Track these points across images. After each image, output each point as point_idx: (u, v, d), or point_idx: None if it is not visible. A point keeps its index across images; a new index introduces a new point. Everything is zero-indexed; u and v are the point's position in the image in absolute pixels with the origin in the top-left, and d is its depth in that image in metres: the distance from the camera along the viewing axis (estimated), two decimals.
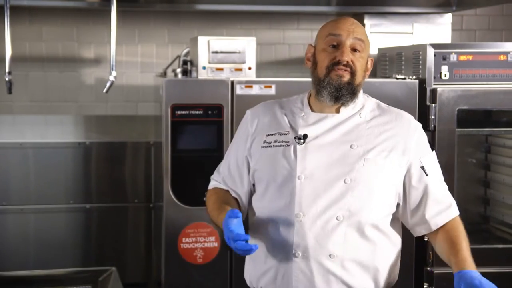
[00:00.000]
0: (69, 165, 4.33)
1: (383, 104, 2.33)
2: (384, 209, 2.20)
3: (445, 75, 3.56)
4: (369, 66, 2.26)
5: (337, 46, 2.18)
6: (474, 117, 3.87)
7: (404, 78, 3.62)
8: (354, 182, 2.14)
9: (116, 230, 4.40)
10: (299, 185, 2.15)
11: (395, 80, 3.62)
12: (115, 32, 3.67)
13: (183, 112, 3.48)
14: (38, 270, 3.42)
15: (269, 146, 2.24)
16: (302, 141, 2.20)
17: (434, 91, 3.54)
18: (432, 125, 3.54)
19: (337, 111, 2.24)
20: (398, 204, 2.25)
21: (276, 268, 2.19)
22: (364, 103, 2.28)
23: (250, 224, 2.31)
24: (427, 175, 2.20)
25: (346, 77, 2.16)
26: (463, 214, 2.28)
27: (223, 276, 3.56)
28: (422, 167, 2.20)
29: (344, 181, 2.14)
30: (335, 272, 2.13)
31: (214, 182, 2.42)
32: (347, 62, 2.15)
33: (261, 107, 2.37)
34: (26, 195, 4.29)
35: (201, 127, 3.50)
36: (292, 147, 2.20)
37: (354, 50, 2.18)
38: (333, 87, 2.16)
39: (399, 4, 4.26)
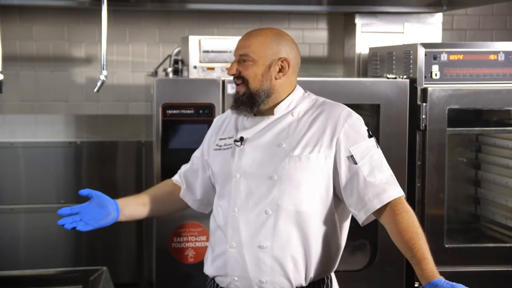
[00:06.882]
0: (60, 164, 4.32)
1: (321, 100, 2.44)
2: (314, 201, 2.31)
3: (436, 75, 3.57)
4: (278, 67, 2.36)
5: None
6: (465, 116, 3.88)
7: (395, 78, 3.63)
8: (280, 179, 2.30)
9: (107, 229, 4.33)
10: (234, 183, 2.36)
11: (386, 79, 3.62)
12: (105, 31, 3.66)
13: (174, 111, 3.48)
14: (29, 270, 3.40)
15: (219, 149, 2.46)
16: (239, 143, 2.38)
17: (424, 91, 3.55)
18: (423, 125, 3.55)
19: (272, 112, 2.39)
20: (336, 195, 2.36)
21: (218, 258, 2.40)
22: (300, 101, 2.40)
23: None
24: (356, 163, 2.28)
25: (242, 89, 2.37)
26: (454, 214, 2.28)
27: None
28: (351, 156, 2.29)
29: (271, 178, 2.30)
30: (266, 261, 2.30)
31: (176, 175, 2.69)
32: (234, 74, 2.37)
33: (226, 113, 2.57)
34: (17, 194, 4.28)
35: (192, 126, 3.49)
36: (233, 149, 2.40)
37: (243, 61, 2.36)
38: (233, 101, 2.40)
39: (390, 3, 4.27)
